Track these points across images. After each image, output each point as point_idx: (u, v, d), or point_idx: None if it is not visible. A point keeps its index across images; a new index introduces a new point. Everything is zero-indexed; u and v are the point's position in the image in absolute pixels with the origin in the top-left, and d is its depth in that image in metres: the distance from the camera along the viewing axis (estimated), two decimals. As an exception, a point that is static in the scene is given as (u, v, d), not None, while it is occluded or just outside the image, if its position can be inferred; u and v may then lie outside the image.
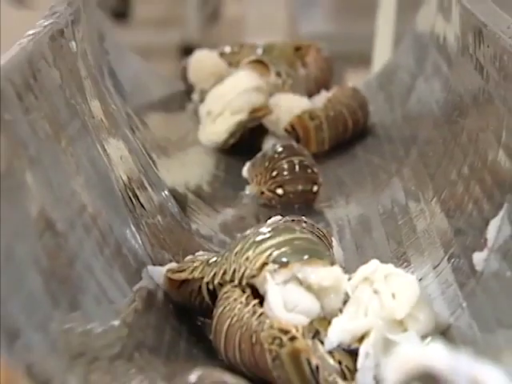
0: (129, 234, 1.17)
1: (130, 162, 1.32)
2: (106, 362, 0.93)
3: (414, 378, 0.68)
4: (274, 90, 1.60)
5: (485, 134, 1.20)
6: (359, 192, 1.46)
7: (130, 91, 1.59)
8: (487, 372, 0.69)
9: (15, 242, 0.88)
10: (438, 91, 1.48)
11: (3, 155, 0.92)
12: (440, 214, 1.23)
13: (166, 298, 1.12)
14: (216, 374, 0.85)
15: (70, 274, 0.97)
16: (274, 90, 1.60)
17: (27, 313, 0.84)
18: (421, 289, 1.04)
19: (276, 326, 0.98)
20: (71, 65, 1.27)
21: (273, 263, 1.02)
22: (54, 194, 1.02)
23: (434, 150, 1.38)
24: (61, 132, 1.12)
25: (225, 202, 1.46)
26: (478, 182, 1.16)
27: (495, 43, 1.25)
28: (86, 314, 0.95)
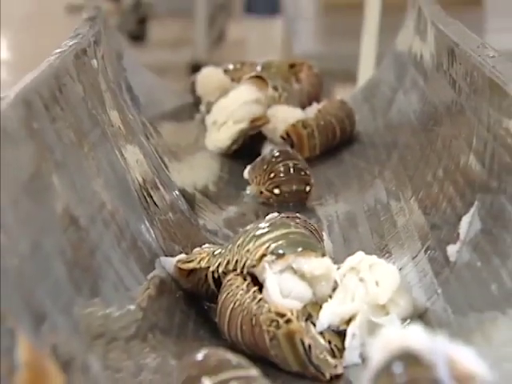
0: (143, 229, 1.17)
1: (145, 165, 1.32)
2: (123, 342, 0.93)
3: (396, 357, 0.67)
4: (272, 102, 1.60)
5: (457, 140, 1.20)
6: (346, 191, 1.46)
7: (144, 103, 1.59)
8: (461, 352, 0.68)
9: (43, 235, 0.88)
10: (416, 103, 1.49)
11: (32, 159, 0.93)
12: (418, 211, 1.23)
13: (176, 286, 1.11)
14: (220, 353, 0.84)
15: (91, 264, 0.97)
16: (271, 102, 1.60)
17: (53, 298, 0.83)
18: (401, 277, 1.04)
19: (273, 310, 0.98)
20: (93, 80, 1.27)
21: (271, 255, 1.02)
22: (77, 194, 1.02)
23: (412, 155, 1.38)
24: (83, 139, 1.12)
25: (228, 201, 1.45)
26: (452, 183, 1.16)
27: (466, 61, 1.25)
28: (105, 300, 0.95)
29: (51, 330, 0.80)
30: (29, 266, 0.81)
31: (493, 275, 0.96)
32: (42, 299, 0.81)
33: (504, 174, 1.01)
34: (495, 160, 1.04)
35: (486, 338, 0.90)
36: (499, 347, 0.87)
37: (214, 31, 5.01)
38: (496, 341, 0.89)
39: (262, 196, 1.39)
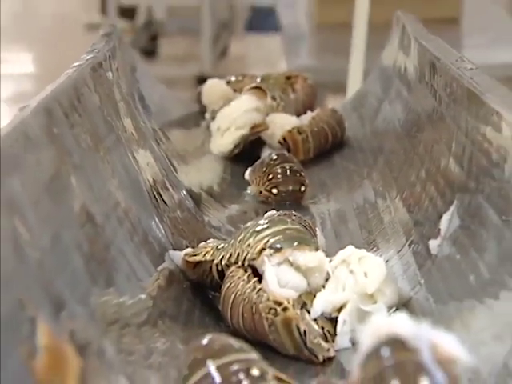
0: (154, 225, 1.17)
1: (155, 168, 1.31)
2: (135, 328, 0.93)
3: (384, 342, 0.66)
4: (270, 110, 1.60)
5: (438, 145, 1.20)
6: (337, 191, 1.45)
7: (155, 111, 1.59)
8: (442, 337, 0.67)
9: (62, 231, 0.88)
10: (400, 112, 1.48)
11: (53, 162, 0.92)
12: (402, 209, 1.22)
13: (184, 277, 1.11)
14: (223, 338, 0.84)
15: (106, 257, 0.96)
16: (269, 110, 1.60)
17: (71, 288, 0.83)
18: (387, 269, 1.04)
19: (271, 299, 0.97)
20: (108, 90, 1.27)
21: (269, 249, 1.02)
22: (94, 193, 1.01)
23: (397, 158, 1.38)
24: (99, 144, 1.11)
25: (231, 200, 1.45)
26: (433, 184, 1.16)
27: (446, 73, 1.25)
28: (118, 289, 0.95)
29: (69, 317, 0.79)
30: (49, 259, 0.81)
31: (471, 267, 0.95)
32: (61, 289, 0.80)
33: (481, 176, 1.00)
34: (473, 163, 1.04)
35: (465, 325, 0.89)
36: (477, 333, 0.86)
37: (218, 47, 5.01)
38: (474, 327, 0.88)
39: (261, 195, 1.39)
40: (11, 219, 0.77)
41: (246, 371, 0.79)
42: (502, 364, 0.80)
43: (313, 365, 0.96)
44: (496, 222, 0.93)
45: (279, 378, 0.82)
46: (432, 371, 0.65)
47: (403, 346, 0.66)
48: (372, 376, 0.66)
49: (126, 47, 1.59)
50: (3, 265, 0.72)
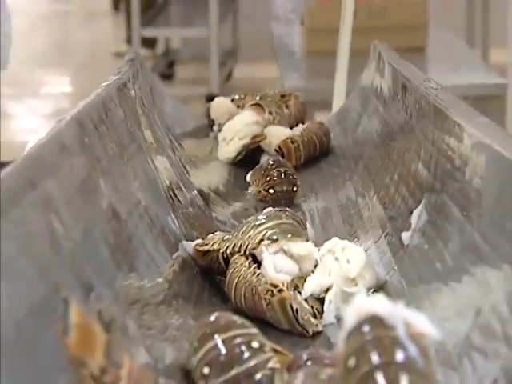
0: (169, 220, 1.16)
1: (171, 172, 1.30)
2: (153, 307, 0.92)
3: (365, 320, 0.65)
4: (268, 123, 1.59)
5: (409, 153, 1.19)
6: (324, 191, 1.45)
7: (171, 124, 1.59)
8: (414, 315, 0.66)
9: (91, 225, 0.87)
10: (377, 124, 1.48)
11: (84, 167, 0.92)
12: (379, 206, 1.22)
13: (195, 263, 1.10)
14: (228, 315, 0.84)
15: (129, 247, 0.95)
16: (267, 123, 1.59)
17: (98, 274, 0.82)
18: (366, 256, 1.03)
19: (269, 282, 0.97)
20: (131, 106, 1.26)
21: (267, 240, 1.01)
22: (119, 194, 1.00)
23: (374, 164, 1.37)
24: (124, 151, 1.11)
25: (234, 198, 1.44)
26: (405, 185, 1.15)
27: (415, 92, 1.25)
28: (139, 275, 0.94)
29: (97, 298, 0.78)
30: (80, 250, 0.80)
31: (437, 255, 0.94)
32: (90, 275, 0.80)
33: (445, 178, 1.00)
34: (438, 167, 1.04)
35: (432, 304, 0.88)
36: (442, 311, 0.86)
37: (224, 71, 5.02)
38: (440, 306, 0.87)
39: (260, 195, 1.38)
40: (48, 216, 0.76)
41: (248, 344, 0.79)
42: (464, 337, 0.79)
43: (304, 338, 0.95)
44: (458, 217, 0.92)
45: (275, 350, 0.82)
46: (406, 344, 0.64)
47: (381, 323, 0.65)
48: (354, 349, 0.65)
49: (147, 71, 1.59)
50: (41, 255, 0.71)
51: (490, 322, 0.76)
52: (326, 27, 2.60)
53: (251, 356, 0.78)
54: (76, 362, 0.65)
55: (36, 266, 0.69)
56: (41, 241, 0.72)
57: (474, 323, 0.78)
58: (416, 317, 0.66)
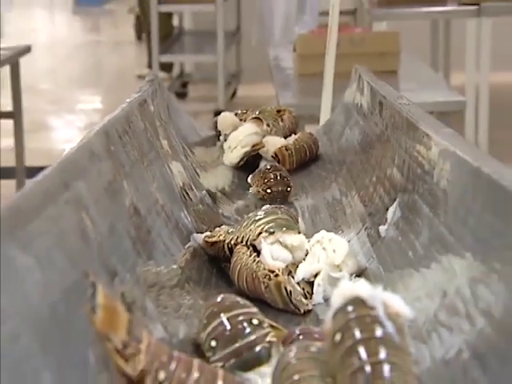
0: (182, 216, 1.14)
1: (184, 175, 1.29)
2: (168, 289, 0.91)
3: (349, 301, 0.64)
4: (266, 134, 1.58)
5: (385, 159, 1.18)
6: (313, 191, 1.43)
7: (184, 135, 1.58)
8: (390, 297, 0.65)
9: (116, 221, 0.86)
10: (357, 135, 1.47)
11: (110, 171, 0.91)
12: (359, 204, 1.21)
13: (204, 252, 1.08)
14: (232, 297, 0.83)
15: (148, 239, 0.94)
16: (265, 134, 1.58)
17: (122, 262, 0.81)
18: (349, 246, 1.02)
19: (267, 268, 0.96)
20: (151, 119, 1.26)
21: (265, 232, 1.00)
22: (139, 194, 0.99)
23: (356, 168, 1.36)
24: (144, 157, 1.10)
25: (238, 197, 1.42)
26: (382, 186, 1.15)
27: (390, 107, 1.24)
28: (156, 262, 0.93)
29: (120, 282, 0.77)
30: (106, 241, 0.79)
31: (409, 246, 0.93)
32: (115, 262, 0.79)
33: (416, 180, 0.99)
34: (410, 171, 1.03)
35: (405, 287, 0.87)
36: (414, 293, 0.85)
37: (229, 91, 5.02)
38: (412, 289, 0.86)
39: (259, 194, 1.37)
40: (79, 213, 0.75)
41: (249, 321, 0.78)
42: (433, 315, 0.78)
43: (296, 316, 0.94)
44: (427, 214, 0.92)
45: (272, 326, 0.81)
46: (384, 322, 0.63)
47: (363, 304, 0.64)
48: (340, 326, 0.64)
49: (164, 90, 1.58)
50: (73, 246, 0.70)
51: (455, 303, 0.75)
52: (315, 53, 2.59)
53: (252, 331, 0.78)
54: (102, 338, 0.64)
55: (68, 256, 0.68)
56: (73, 234, 0.72)
57: (441, 303, 0.77)
58: (392, 298, 0.66)
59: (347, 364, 0.62)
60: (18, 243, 0.62)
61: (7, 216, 0.63)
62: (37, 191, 0.72)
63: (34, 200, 0.69)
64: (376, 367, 0.61)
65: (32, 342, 0.57)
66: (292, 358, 0.67)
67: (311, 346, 0.68)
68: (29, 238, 0.64)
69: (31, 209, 0.67)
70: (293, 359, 0.67)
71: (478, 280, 0.72)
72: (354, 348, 0.62)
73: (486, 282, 0.70)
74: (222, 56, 4.73)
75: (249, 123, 1.61)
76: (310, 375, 0.65)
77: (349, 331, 0.63)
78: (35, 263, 0.63)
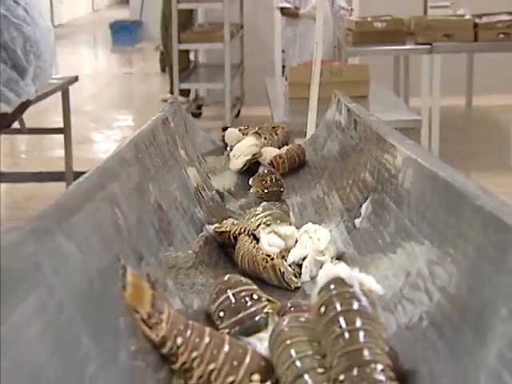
0: (196, 211, 1.12)
1: (198, 177, 1.27)
2: (185, 270, 0.89)
3: (331, 280, 0.63)
4: (263, 145, 1.56)
5: (359, 165, 1.16)
6: (301, 191, 1.41)
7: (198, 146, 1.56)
8: (365, 277, 0.64)
9: (142, 214, 0.84)
10: (337, 146, 1.45)
11: (138, 174, 0.89)
12: (339, 202, 1.19)
13: (214, 240, 1.06)
14: (237, 276, 0.82)
15: (169, 230, 0.93)
16: (263, 145, 1.56)
17: (147, 248, 0.80)
18: (331, 235, 1.01)
19: (264, 253, 0.95)
20: (171, 133, 1.24)
21: (263, 224, 0.99)
22: (162, 193, 0.98)
23: (335, 173, 1.34)
24: (165, 164, 1.08)
25: (241, 196, 1.40)
26: (356, 187, 1.13)
27: (363, 124, 1.22)
28: (176, 248, 0.91)
29: (146, 265, 0.76)
30: (134, 231, 0.77)
31: (379, 235, 0.91)
32: (141, 248, 0.77)
33: (384, 182, 0.97)
34: (379, 175, 1.01)
35: (376, 268, 0.85)
36: (382, 272, 0.83)
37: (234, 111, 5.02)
38: (381, 270, 0.84)
39: (258, 193, 1.35)
40: (113, 208, 0.74)
41: (250, 296, 0.77)
42: (398, 291, 0.76)
43: (288, 291, 0.93)
44: (394, 209, 0.90)
45: (269, 300, 0.79)
46: (360, 297, 0.62)
47: (342, 283, 0.62)
48: (324, 300, 0.62)
49: (182, 111, 1.56)
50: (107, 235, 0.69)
51: (416, 281, 0.73)
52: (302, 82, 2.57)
53: (252, 304, 0.76)
54: (131, 309, 0.63)
55: (103, 243, 0.67)
56: (107, 225, 0.70)
57: (404, 281, 0.76)
58: (366, 278, 0.65)
59: (330, 331, 0.61)
60: (63, 233, 0.60)
61: (55, 211, 0.62)
62: (79, 191, 0.70)
63: (76, 198, 0.68)
64: (353, 334, 0.60)
65: (74, 312, 0.55)
66: (285, 327, 0.65)
67: (301, 316, 0.66)
68: (72, 229, 0.62)
69: (74, 205, 0.66)
70: (285, 327, 0.65)
71: (435, 262, 0.70)
72: (335, 318, 0.61)
73: (441, 263, 0.69)
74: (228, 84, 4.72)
75: (250, 137, 1.59)
76: (299, 340, 0.63)
77: (331, 305, 0.62)
78: (77, 249, 0.61)
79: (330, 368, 0.60)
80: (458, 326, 0.61)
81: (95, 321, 0.58)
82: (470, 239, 0.64)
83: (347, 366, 0.59)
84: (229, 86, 4.74)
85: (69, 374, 0.52)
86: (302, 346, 0.63)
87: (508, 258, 0.57)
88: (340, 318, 0.61)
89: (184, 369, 0.63)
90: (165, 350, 0.63)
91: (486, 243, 0.61)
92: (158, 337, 0.63)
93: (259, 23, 5.26)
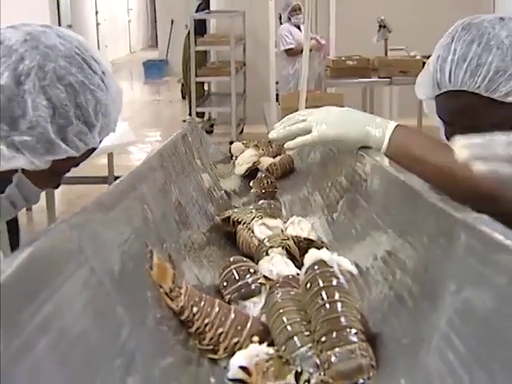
0: (209, 206, 1.09)
1: (210, 181, 1.24)
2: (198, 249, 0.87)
3: (315, 262, 0.61)
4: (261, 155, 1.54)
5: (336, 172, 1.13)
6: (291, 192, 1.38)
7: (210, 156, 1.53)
8: (342, 259, 0.62)
9: (166, 210, 0.82)
10: (319, 156, 1.42)
11: (162, 178, 0.87)
12: (320, 200, 1.16)
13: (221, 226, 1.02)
14: (238, 257, 0.80)
15: (187, 221, 0.90)
16: (261, 155, 1.54)
17: (169, 236, 0.77)
18: (313, 226, 0.99)
19: (257, 239, 0.92)
20: (189, 146, 1.21)
21: (256, 218, 0.97)
22: (182, 192, 0.95)
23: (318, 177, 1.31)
24: (184, 169, 1.06)
25: (243, 195, 1.37)
26: (334, 188, 1.10)
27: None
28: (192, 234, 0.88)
29: (168, 247, 0.73)
30: (160, 223, 0.75)
31: (352, 225, 0.89)
32: (164, 236, 0.75)
33: (356, 185, 0.95)
34: (353, 179, 0.98)
35: (351, 251, 0.83)
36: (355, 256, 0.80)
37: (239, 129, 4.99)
38: (355, 252, 0.81)
39: (257, 193, 1.32)
40: (142, 205, 0.72)
41: (247, 270, 0.75)
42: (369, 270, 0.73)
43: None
44: (364, 205, 0.88)
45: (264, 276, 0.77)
46: (338, 276, 0.60)
47: (324, 264, 0.61)
48: (309, 278, 0.61)
49: (198, 128, 1.54)
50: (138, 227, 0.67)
51: (381, 262, 0.71)
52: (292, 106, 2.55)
53: (249, 276, 0.75)
54: (156, 285, 0.61)
55: (135, 233, 0.65)
56: (138, 219, 0.68)
57: (372, 262, 0.74)
58: (342, 260, 0.63)
59: (314, 302, 0.59)
60: (103, 224, 0.59)
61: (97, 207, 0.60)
62: (115, 191, 0.68)
63: (113, 197, 0.66)
64: (332, 305, 0.58)
65: (110, 287, 0.54)
66: (278, 299, 0.63)
67: (291, 290, 0.65)
68: (109, 221, 0.60)
69: (111, 202, 0.64)
70: (279, 299, 0.63)
71: (397, 248, 0.68)
72: (318, 292, 0.59)
73: (401, 249, 0.67)
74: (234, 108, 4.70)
75: (250, 149, 1.57)
76: (290, 309, 0.62)
77: (315, 281, 0.60)
78: (113, 236, 0.59)
79: (314, 332, 0.59)
80: (415, 297, 0.59)
81: (128, 294, 0.56)
82: (424, 229, 0.63)
83: (328, 330, 0.57)
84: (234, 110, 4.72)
85: (107, 336, 0.50)
86: (292, 314, 0.61)
87: (455, 244, 0.55)
88: (322, 292, 0.59)
89: (198, 332, 0.62)
90: (183, 317, 0.62)
91: (437, 233, 0.60)
92: (177, 307, 0.61)
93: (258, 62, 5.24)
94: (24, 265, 0.44)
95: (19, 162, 0.61)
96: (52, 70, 0.61)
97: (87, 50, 0.66)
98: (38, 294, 0.43)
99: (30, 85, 0.60)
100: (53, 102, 0.61)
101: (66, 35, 0.65)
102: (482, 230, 0.51)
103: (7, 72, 0.60)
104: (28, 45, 0.62)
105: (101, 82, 0.65)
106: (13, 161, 0.61)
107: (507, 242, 0.47)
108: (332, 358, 0.56)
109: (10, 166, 0.62)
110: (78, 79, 0.62)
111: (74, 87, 0.62)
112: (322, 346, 0.57)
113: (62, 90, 0.61)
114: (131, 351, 0.52)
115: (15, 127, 0.60)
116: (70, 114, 0.62)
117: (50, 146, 0.62)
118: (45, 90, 0.60)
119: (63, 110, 0.61)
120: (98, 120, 0.65)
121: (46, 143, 0.61)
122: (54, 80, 0.61)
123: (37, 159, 0.62)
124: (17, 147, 0.61)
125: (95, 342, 0.48)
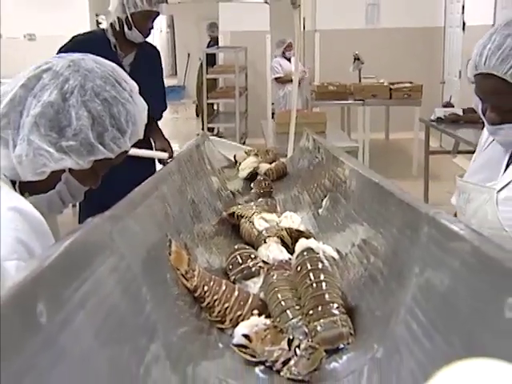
0: (218, 204, 1.08)
1: (218, 182, 1.23)
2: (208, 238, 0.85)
3: (304, 249, 0.60)
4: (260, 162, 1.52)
5: (320, 175, 1.12)
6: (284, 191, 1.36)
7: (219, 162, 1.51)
8: (326, 247, 0.61)
9: (183, 206, 0.81)
10: (307, 163, 1.40)
11: (180, 181, 0.86)
12: (308, 198, 1.15)
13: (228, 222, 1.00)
14: (242, 245, 0.78)
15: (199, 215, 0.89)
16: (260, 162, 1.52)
17: (185, 227, 0.75)
18: (302, 220, 0.95)
19: (257, 229, 0.89)
20: (201, 154, 1.20)
21: (256, 212, 0.94)
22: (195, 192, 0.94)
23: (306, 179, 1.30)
24: (197, 174, 1.04)
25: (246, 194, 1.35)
26: (319, 188, 1.09)
27: (323, 148, 1.19)
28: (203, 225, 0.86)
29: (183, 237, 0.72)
30: (178, 217, 0.74)
31: (335, 219, 0.88)
32: (181, 228, 0.73)
33: (337, 186, 0.94)
34: (335, 181, 0.97)
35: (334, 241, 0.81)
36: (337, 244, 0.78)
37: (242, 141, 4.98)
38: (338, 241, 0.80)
39: (256, 193, 1.30)
40: (163, 203, 0.70)
41: (249, 255, 0.73)
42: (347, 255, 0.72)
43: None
44: (343, 203, 0.86)
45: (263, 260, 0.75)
46: (323, 260, 0.59)
47: (312, 251, 0.60)
48: (299, 263, 0.60)
49: (209, 140, 1.52)
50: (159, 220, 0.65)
51: (358, 249, 0.70)
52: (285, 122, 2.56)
53: (250, 260, 0.73)
54: (174, 268, 0.60)
55: (157, 225, 0.63)
56: (159, 214, 0.67)
57: (350, 249, 0.73)
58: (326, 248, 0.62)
59: (303, 282, 0.58)
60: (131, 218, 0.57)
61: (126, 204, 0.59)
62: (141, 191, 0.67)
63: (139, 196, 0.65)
64: (318, 284, 0.57)
65: (137, 271, 0.52)
66: (274, 279, 0.62)
67: (284, 272, 0.64)
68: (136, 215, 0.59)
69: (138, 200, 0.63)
70: (274, 279, 0.62)
71: (371, 237, 0.67)
72: (306, 274, 0.58)
73: (374, 238, 0.66)
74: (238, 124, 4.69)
75: (251, 157, 1.55)
76: (283, 288, 0.61)
77: (304, 265, 0.59)
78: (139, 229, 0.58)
79: (303, 306, 0.58)
80: (386, 278, 0.58)
81: (151, 276, 0.55)
82: (393, 222, 0.61)
83: (314, 304, 0.56)
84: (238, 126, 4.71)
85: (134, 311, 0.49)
86: (285, 292, 0.60)
87: (419, 234, 0.54)
88: (310, 273, 0.58)
89: (208, 306, 0.61)
90: (196, 294, 0.61)
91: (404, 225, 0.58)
92: (191, 286, 0.60)
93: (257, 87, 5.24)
94: (67, 250, 0.42)
95: (67, 162, 0.64)
96: (91, 88, 0.64)
97: (118, 73, 0.68)
98: (77, 275, 0.42)
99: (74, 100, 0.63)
100: (92, 113, 0.63)
101: (101, 62, 0.68)
102: (441, 223, 0.50)
103: (56, 91, 0.63)
104: (71, 69, 0.65)
105: (129, 97, 0.67)
106: (61, 162, 0.63)
107: (461, 232, 0.47)
108: (318, 328, 0.55)
109: (59, 166, 0.64)
110: (111, 95, 0.65)
111: (108, 101, 0.64)
112: (310, 317, 0.56)
113: (99, 104, 0.64)
114: (153, 322, 0.51)
115: (62, 134, 0.63)
116: (106, 122, 0.64)
117: (91, 148, 0.64)
118: (86, 104, 0.63)
119: (101, 120, 0.64)
120: (128, 127, 0.66)
121: (88, 146, 0.63)
122: (93, 96, 0.64)
123: (81, 160, 0.64)
124: (64, 151, 0.63)
125: (124, 315, 0.47)
